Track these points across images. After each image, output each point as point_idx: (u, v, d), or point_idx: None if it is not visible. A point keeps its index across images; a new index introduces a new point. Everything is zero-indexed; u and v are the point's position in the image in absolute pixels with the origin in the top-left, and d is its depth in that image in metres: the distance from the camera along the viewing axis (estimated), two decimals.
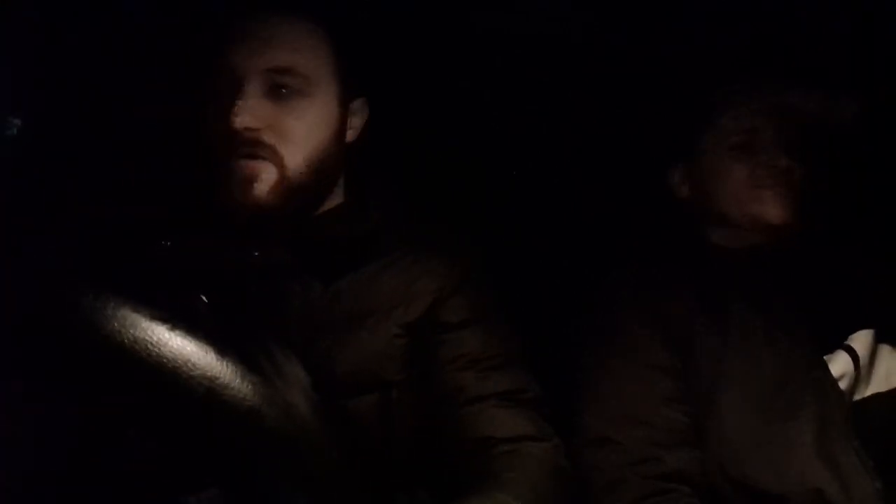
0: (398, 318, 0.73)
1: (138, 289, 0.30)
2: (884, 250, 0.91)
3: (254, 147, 0.70)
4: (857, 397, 0.83)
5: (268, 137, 0.70)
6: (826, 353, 0.83)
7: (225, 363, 0.28)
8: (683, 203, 0.97)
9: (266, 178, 0.71)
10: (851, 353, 0.84)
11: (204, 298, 0.61)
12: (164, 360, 0.26)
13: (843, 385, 0.82)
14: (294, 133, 0.72)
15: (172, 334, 0.27)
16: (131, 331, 0.25)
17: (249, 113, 0.69)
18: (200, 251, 0.71)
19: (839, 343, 0.85)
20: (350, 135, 0.80)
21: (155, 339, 0.26)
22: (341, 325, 0.72)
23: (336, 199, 0.80)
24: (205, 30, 0.76)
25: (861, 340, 0.85)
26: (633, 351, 0.82)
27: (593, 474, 0.75)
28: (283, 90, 0.71)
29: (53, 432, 0.30)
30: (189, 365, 0.26)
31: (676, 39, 1.04)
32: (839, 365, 0.83)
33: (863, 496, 0.74)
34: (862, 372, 0.83)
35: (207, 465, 0.27)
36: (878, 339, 0.86)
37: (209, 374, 0.27)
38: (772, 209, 0.88)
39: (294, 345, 0.67)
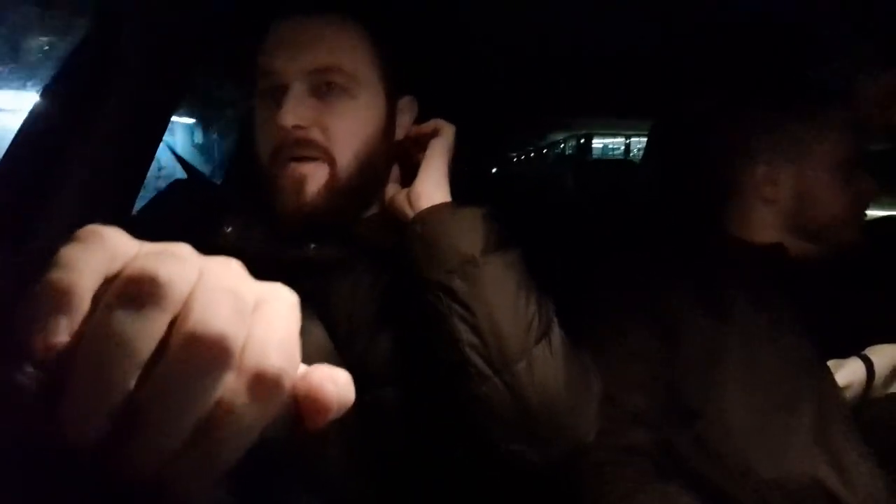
0: None
1: None
2: None
3: (303, 147, 0.71)
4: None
5: (316, 135, 0.71)
6: (832, 358, 0.82)
7: None
8: (763, 201, 0.93)
9: (317, 179, 0.71)
10: (867, 361, 0.81)
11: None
12: None
13: (850, 393, 0.80)
14: (341, 131, 0.72)
15: None
16: None
17: (296, 112, 0.69)
18: (259, 241, 0.73)
19: (855, 351, 0.83)
20: (399, 133, 0.80)
21: None
22: (383, 321, 0.73)
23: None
24: (247, 34, 0.76)
25: (882, 353, 0.82)
26: (616, 336, 0.85)
27: None
28: (328, 89, 0.72)
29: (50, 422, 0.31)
30: None
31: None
32: (848, 371, 0.81)
33: (865, 486, 0.74)
34: (877, 383, 0.81)
35: None
36: None
37: None
38: (856, 236, 0.88)
39: (338, 338, 0.71)
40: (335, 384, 0.25)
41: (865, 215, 0.90)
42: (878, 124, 0.89)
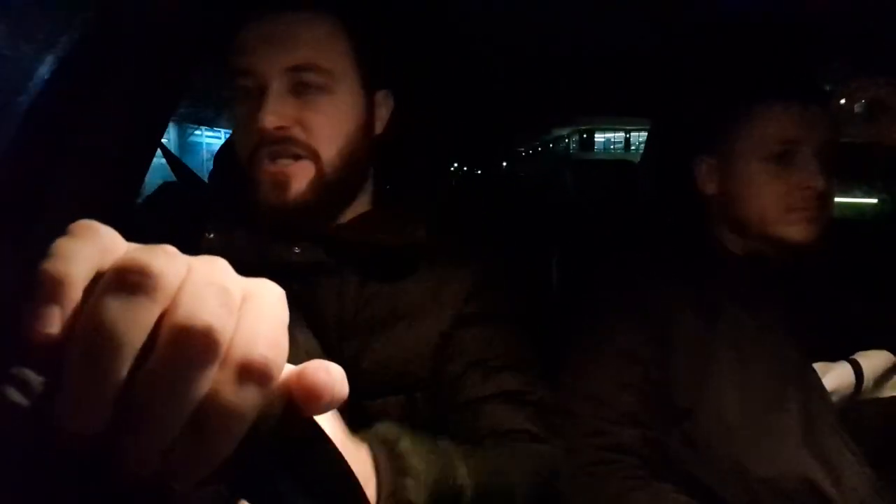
0: (430, 325, 0.74)
1: None
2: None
3: (287, 145, 0.71)
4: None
5: (298, 134, 0.71)
6: (820, 361, 0.82)
7: None
8: (703, 197, 0.94)
9: (303, 176, 0.71)
10: (855, 366, 0.82)
11: None
12: None
13: (838, 396, 0.80)
14: (323, 127, 0.72)
15: None
16: None
17: (276, 112, 0.69)
18: (243, 246, 0.72)
19: (843, 355, 0.83)
20: (378, 127, 0.80)
21: None
22: (373, 325, 0.73)
23: (366, 195, 0.81)
24: (224, 33, 0.75)
25: (871, 358, 0.82)
26: (609, 336, 0.87)
27: None
28: (307, 87, 0.71)
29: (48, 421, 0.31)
30: None
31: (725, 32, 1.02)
32: (837, 375, 0.81)
33: (854, 484, 0.75)
34: (866, 386, 0.81)
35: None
36: None
37: None
38: (799, 233, 0.85)
39: (327, 342, 0.70)
40: (328, 374, 0.26)
41: (823, 215, 0.85)
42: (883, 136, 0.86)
